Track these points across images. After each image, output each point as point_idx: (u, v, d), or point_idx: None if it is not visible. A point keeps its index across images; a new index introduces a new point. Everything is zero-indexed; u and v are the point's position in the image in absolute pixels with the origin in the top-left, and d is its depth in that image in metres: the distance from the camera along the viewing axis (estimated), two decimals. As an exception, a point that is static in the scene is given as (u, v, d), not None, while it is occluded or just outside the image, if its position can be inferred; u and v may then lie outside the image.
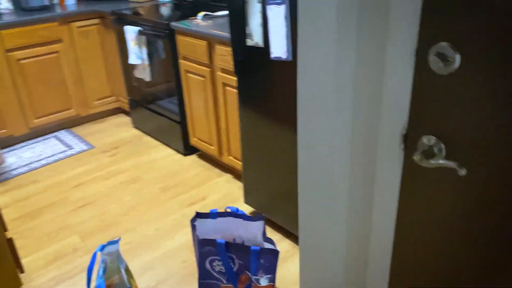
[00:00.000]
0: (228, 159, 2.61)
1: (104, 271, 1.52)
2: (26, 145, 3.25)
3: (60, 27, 3.18)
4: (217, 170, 2.79)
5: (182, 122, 2.88)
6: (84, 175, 2.81)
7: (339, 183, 1.12)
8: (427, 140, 1.00)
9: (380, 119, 1.10)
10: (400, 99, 1.04)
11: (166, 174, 2.77)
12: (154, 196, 2.54)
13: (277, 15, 1.69)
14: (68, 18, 3.21)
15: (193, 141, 2.88)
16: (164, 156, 3.01)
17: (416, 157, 1.01)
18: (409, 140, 1.05)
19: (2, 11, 3.19)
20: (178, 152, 3.04)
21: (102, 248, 1.51)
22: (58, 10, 3.27)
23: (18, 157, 3.08)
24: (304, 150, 1.15)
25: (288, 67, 1.74)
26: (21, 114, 3.18)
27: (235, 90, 2.32)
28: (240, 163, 2.49)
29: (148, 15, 2.91)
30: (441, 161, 0.97)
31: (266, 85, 1.88)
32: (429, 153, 0.99)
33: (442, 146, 0.98)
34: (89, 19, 3.30)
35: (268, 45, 1.78)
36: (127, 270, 1.62)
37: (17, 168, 2.93)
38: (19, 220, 2.39)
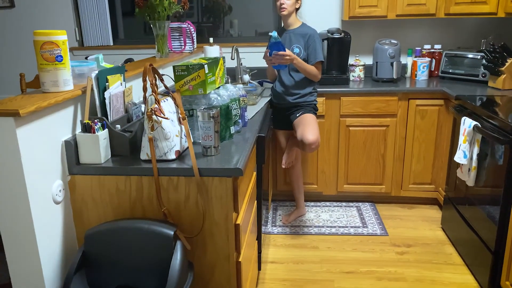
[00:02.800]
0: None
1: None
2: (328, 206, 3.30)
3: (398, 102, 3.05)
4: None
5: (497, 253, 2.14)
6: (361, 263, 2.55)
7: None
8: None
9: None
10: None
11: (450, 310, 2.12)
12: (419, 333, 1.98)
13: None
14: (409, 95, 3.04)
15: (504, 284, 2.09)
16: (459, 283, 2.34)
17: None
18: None
19: (353, 78, 3.35)
20: (480, 286, 2.29)
21: None
22: (406, 84, 3.15)
23: (317, 215, 3.15)
24: None
25: None
26: (335, 176, 3.26)
27: None
28: None
29: (495, 109, 2.33)
30: None
31: None
32: None
33: None
34: (431, 98, 3.02)
35: None
36: None
37: (310, 227, 3.00)
38: (283, 284, 2.38)
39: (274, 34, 2.46)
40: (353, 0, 3.18)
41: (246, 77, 3.25)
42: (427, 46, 3.41)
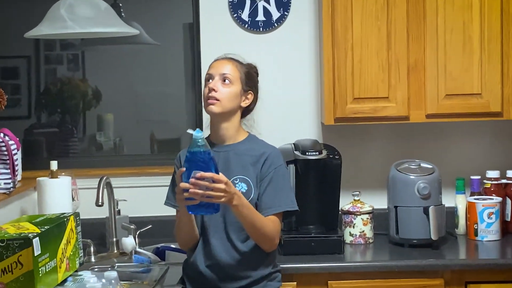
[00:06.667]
0: None
1: None
2: None
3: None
4: None
5: None
6: None
7: None
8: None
9: None
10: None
11: None
12: None
13: None
14: (466, 274, 2.80)
15: None
16: None
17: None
18: None
19: (351, 239, 3.05)
20: None
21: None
22: (458, 252, 3.10)
23: None
24: None
25: None
26: None
27: None
28: None
29: None
30: None
31: None
32: None
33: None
34: (510, 281, 2.83)
35: None
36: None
37: None
38: None
39: (197, 133, 2.42)
40: (343, 89, 3.04)
41: (129, 243, 2.96)
42: (493, 174, 3.21)
